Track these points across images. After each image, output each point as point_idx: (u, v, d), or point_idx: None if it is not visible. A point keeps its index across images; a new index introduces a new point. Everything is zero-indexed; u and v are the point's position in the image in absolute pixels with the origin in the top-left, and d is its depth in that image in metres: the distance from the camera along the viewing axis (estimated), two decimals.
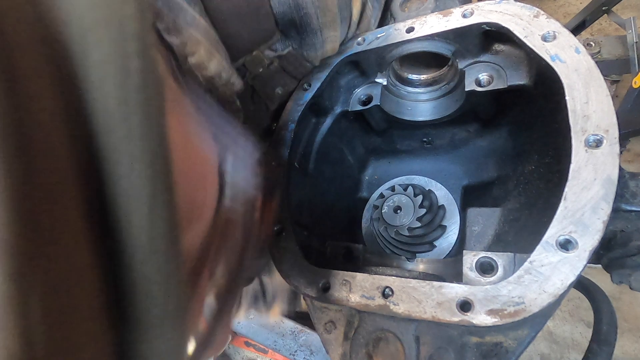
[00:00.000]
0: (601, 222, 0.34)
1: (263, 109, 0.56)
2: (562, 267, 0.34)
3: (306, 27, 0.51)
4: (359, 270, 0.49)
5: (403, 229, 0.59)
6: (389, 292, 0.42)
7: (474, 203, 0.63)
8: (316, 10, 0.49)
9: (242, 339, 1.54)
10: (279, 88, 0.56)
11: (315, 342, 1.40)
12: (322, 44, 0.54)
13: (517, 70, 0.51)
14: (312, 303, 0.50)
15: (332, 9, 0.51)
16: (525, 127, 0.55)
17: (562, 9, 2.06)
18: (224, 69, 0.42)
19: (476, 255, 0.46)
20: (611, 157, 0.35)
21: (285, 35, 0.51)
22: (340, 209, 0.70)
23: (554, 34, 0.42)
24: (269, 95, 0.55)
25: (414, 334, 0.41)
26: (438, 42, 0.53)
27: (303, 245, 0.54)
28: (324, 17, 0.51)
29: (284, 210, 0.55)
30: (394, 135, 0.72)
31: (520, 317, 0.35)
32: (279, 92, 0.56)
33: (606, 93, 0.37)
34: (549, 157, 0.47)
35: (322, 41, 0.53)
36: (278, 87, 0.56)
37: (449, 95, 0.60)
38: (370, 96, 0.63)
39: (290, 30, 0.50)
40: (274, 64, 0.52)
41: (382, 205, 0.63)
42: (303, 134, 0.64)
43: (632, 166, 1.58)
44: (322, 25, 0.51)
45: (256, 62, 0.49)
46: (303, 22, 0.50)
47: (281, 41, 0.51)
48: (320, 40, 0.53)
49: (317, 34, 0.52)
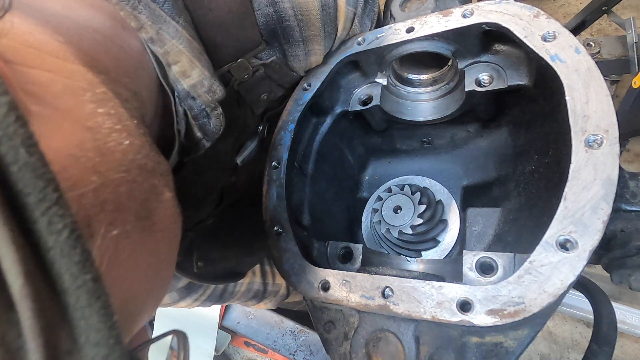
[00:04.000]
0: (601, 222, 0.34)
1: (249, 113, 0.58)
2: (562, 267, 0.34)
3: (289, 39, 0.52)
4: (359, 270, 0.49)
5: (406, 228, 0.59)
6: (389, 292, 0.42)
7: (474, 203, 0.63)
8: (299, 23, 0.51)
9: (242, 339, 1.54)
10: (265, 94, 0.58)
11: (315, 342, 1.40)
12: (305, 56, 0.56)
13: (517, 70, 0.51)
14: (311, 303, 0.50)
15: (316, 24, 0.52)
16: (525, 127, 0.55)
17: (562, 9, 2.06)
18: (205, 77, 0.44)
19: (476, 255, 0.46)
20: (611, 157, 0.35)
21: (269, 45, 0.52)
22: (340, 209, 0.70)
23: (554, 34, 0.42)
24: (255, 101, 0.57)
25: (414, 334, 0.41)
26: (438, 42, 0.53)
27: (303, 245, 0.54)
28: (307, 31, 0.52)
29: (283, 210, 0.55)
30: (394, 135, 0.72)
31: (520, 317, 0.35)
32: (264, 98, 0.58)
33: (606, 93, 0.37)
34: (549, 157, 0.47)
35: (305, 53, 0.55)
36: (264, 93, 0.58)
37: (449, 95, 0.60)
38: (370, 96, 0.63)
39: (273, 40, 0.52)
40: (259, 71, 0.53)
41: (382, 207, 0.63)
42: (303, 134, 0.64)
43: (632, 166, 1.58)
44: (306, 38, 0.53)
45: (241, 69, 0.51)
46: (286, 34, 0.51)
47: (266, 51, 0.52)
48: (304, 52, 0.55)
49: (299, 45, 0.54)
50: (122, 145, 0.27)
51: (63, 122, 0.24)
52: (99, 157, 0.25)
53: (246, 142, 0.63)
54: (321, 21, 0.53)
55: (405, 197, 0.62)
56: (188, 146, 0.50)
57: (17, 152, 0.17)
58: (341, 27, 0.57)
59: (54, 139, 0.23)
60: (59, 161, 0.22)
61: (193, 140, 0.49)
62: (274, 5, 0.48)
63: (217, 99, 0.47)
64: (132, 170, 0.28)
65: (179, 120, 0.46)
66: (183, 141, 0.48)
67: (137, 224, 0.27)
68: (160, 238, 0.31)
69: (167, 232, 0.32)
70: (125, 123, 0.29)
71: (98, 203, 0.24)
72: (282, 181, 0.56)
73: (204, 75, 0.44)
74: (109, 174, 0.25)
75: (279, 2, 0.49)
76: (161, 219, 0.31)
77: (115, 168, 0.26)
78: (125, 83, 0.36)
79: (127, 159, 0.28)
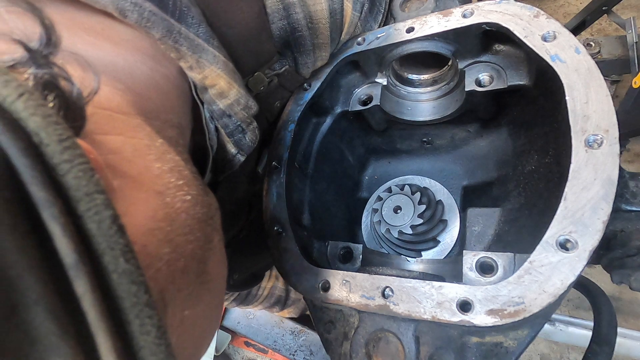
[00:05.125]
0: (601, 222, 0.34)
1: (264, 122, 0.60)
2: (562, 267, 0.34)
3: (300, 48, 0.53)
4: (359, 270, 0.49)
5: (406, 228, 0.59)
6: (389, 292, 0.42)
7: (474, 203, 0.63)
8: (310, 33, 0.52)
9: (242, 339, 1.54)
10: (278, 102, 0.60)
11: (315, 342, 1.40)
12: (313, 63, 0.57)
13: (517, 70, 0.51)
14: (312, 303, 0.50)
15: (324, 32, 0.53)
16: (525, 127, 0.55)
17: (562, 9, 2.05)
18: (242, 96, 0.45)
19: (476, 255, 0.46)
20: (611, 157, 0.35)
21: (282, 56, 0.53)
22: (340, 209, 0.70)
23: (554, 34, 0.42)
24: (269, 110, 0.59)
25: (414, 334, 0.41)
26: (438, 42, 0.53)
27: (303, 245, 0.54)
28: (317, 39, 0.53)
29: (284, 210, 0.55)
30: (394, 135, 0.72)
31: (520, 317, 0.35)
32: (277, 105, 0.60)
33: (606, 93, 0.37)
34: (549, 157, 0.47)
35: (314, 60, 0.56)
36: (277, 101, 0.60)
37: (449, 95, 0.60)
38: (370, 96, 0.63)
39: (286, 50, 0.53)
40: (274, 82, 0.55)
41: (382, 207, 0.63)
42: (303, 134, 0.64)
43: (632, 166, 1.58)
44: (315, 46, 0.54)
45: (258, 82, 0.52)
46: (298, 44, 0.52)
47: (279, 61, 0.53)
48: (312, 60, 0.56)
49: (310, 54, 0.55)
50: (185, 204, 0.27)
51: (139, 193, 0.24)
52: (170, 226, 0.25)
53: (263, 150, 0.64)
54: (329, 28, 0.53)
55: (405, 197, 0.62)
56: (221, 164, 0.50)
57: (117, 262, 0.18)
58: (345, 31, 0.57)
59: (134, 215, 0.23)
60: (140, 241, 0.22)
61: (225, 157, 0.49)
62: (288, 18, 0.49)
63: (253, 114, 0.48)
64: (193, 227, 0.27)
65: (211, 137, 0.47)
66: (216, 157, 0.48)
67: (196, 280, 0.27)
68: (213, 287, 0.30)
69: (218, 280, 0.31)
70: (183, 173, 0.29)
71: (170, 274, 0.24)
72: (282, 181, 0.56)
73: (240, 94, 0.45)
74: (177, 240, 0.25)
75: (292, 14, 0.49)
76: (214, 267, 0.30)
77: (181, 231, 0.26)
78: (171, 119, 0.36)
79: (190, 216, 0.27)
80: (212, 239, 0.30)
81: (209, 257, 0.29)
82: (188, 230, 0.26)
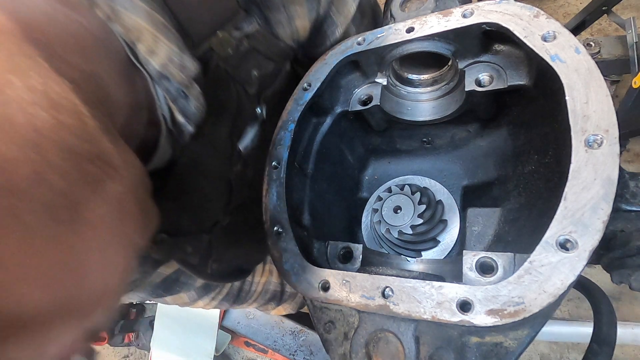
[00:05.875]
0: (601, 222, 0.34)
1: (242, 94, 0.54)
2: (562, 267, 0.34)
3: (267, 3, 0.49)
4: (359, 271, 0.49)
5: (406, 228, 0.59)
6: (389, 292, 0.42)
7: (474, 203, 0.63)
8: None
9: (242, 339, 1.54)
10: (255, 70, 0.54)
11: (315, 342, 1.41)
12: (288, 21, 0.52)
13: (517, 70, 0.51)
14: (311, 303, 0.50)
15: None
16: (525, 127, 0.55)
17: (562, 9, 2.05)
18: (173, 53, 0.40)
19: (476, 255, 0.46)
20: (611, 157, 0.35)
21: (248, 13, 0.48)
22: (340, 209, 0.70)
23: (554, 34, 0.42)
24: (246, 79, 0.53)
25: (414, 334, 0.41)
26: (438, 42, 0.53)
27: (303, 245, 0.54)
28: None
29: (283, 210, 0.55)
30: (394, 135, 0.72)
31: (520, 317, 0.35)
32: (255, 74, 0.54)
33: (606, 93, 0.37)
34: (549, 157, 0.47)
35: (287, 17, 0.51)
36: (253, 69, 0.54)
37: (449, 95, 0.60)
38: (370, 96, 0.63)
39: (252, 7, 0.48)
40: (244, 45, 0.50)
41: (382, 207, 0.63)
42: (303, 134, 0.64)
43: (632, 166, 1.58)
44: (285, 0, 0.50)
45: (223, 43, 0.47)
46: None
47: (246, 20, 0.49)
48: (286, 17, 0.51)
49: (280, 9, 0.50)
50: (43, 124, 0.25)
51: None
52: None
53: (246, 128, 0.60)
54: None
55: (405, 197, 0.62)
56: (178, 135, 0.46)
57: None
58: None
59: None
60: None
61: (180, 128, 0.46)
62: None
63: (192, 75, 0.43)
64: (54, 154, 0.25)
65: (161, 105, 0.43)
66: (172, 128, 0.45)
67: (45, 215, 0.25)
68: (91, 237, 0.28)
69: (103, 231, 0.29)
70: (51, 96, 0.27)
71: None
72: (282, 181, 0.56)
73: (171, 51, 0.40)
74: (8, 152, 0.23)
75: None
76: (97, 214, 0.28)
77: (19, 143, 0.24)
78: (79, 64, 0.33)
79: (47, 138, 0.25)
80: (99, 184, 0.29)
81: (86, 198, 0.28)
82: (38, 151, 0.25)
